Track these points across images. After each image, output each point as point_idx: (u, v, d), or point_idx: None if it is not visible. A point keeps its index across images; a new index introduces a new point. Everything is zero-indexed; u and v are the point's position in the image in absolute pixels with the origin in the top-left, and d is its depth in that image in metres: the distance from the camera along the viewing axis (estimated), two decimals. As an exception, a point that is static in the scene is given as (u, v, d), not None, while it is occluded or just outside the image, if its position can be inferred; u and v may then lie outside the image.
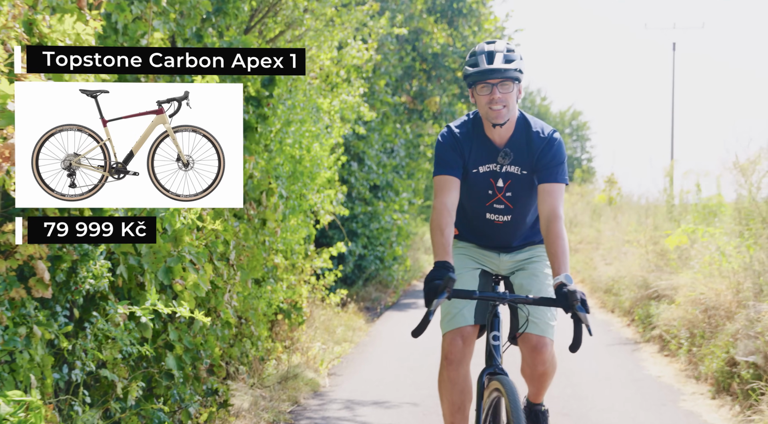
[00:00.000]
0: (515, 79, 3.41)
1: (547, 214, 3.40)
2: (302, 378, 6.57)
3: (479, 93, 3.44)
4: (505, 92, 3.41)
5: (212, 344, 4.78)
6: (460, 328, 3.56)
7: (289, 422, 5.52)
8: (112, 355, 4.05)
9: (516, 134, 3.54)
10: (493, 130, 3.52)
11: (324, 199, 8.60)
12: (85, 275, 3.78)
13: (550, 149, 3.50)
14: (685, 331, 6.97)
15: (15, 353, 3.44)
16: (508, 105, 3.43)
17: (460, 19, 15.35)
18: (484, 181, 3.59)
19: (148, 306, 3.88)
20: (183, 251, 4.39)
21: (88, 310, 3.94)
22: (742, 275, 6.19)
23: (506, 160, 3.55)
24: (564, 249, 3.31)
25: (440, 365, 3.62)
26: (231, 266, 5.25)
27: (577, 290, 3.07)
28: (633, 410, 5.65)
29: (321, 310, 9.10)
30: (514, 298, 3.22)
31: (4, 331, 3.39)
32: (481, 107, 3.47)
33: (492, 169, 3.58)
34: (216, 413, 4.95)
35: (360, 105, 10.38)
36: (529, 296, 3.19)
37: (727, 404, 5.58)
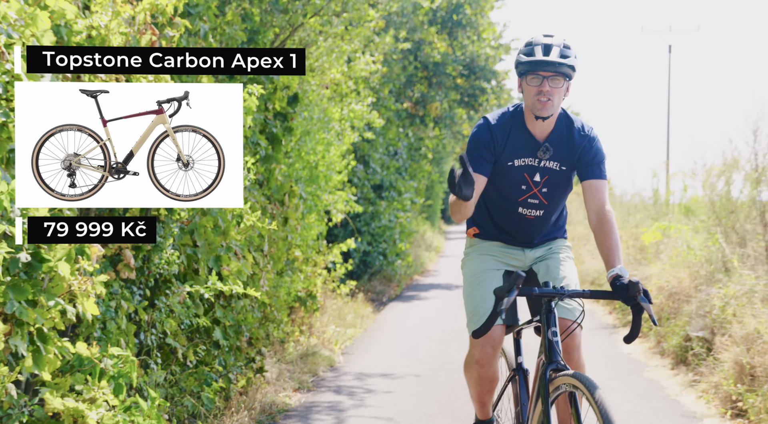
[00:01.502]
0: (566, 76, 3.41)
1: (597, 209, 3.41)
2: (319, 355, 7.58)
3: (529, 83, 3.43)
4: (554, 87, 3.40)
5: (251, 320, 5.79)
6: (490, 335, 3.56)
7: (311, 388, 6.53)
8: (173, 326, 5.06)
9: (557, 130, 3.54)
10: (535, 123, 3.52)
11: (337, 199, 9.59)
12: (158, 261, 4.78)
13: (592, 146, 3.52)
14: (654, 314, 7.97)
15: (107, 321, 4.44)
16: (554, 100, 3.43)
17: (460, 29, 16.35)
18: (518, 176, 3.57)
19: (210, 286, 4.86)
20: (230, 243, 5.40)
21: (159, 290, 4.95)
22: (699, 265, 7.19)
23: (546, 155, 3.54)
24: (617, 242, 3.32)
25: (468, 362, 3.66)
26: (265, 255, 6.25)
27: (638, 281, 3.03)
28: (603, 378, 6.65)
29: (332, 300, 10.10)
30: (572, 292, 3.15)
31: (102, 303, 4.39)
32: (528, 98, 3.45)
33: (528, 164, 3.56)
34: (252, 378, 5.95)
35: (368, 113, 11.37)
36: (586, 291, 3.15)
37: (682, 373, 6.58)
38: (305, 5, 7.26)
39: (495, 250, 3.74)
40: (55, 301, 3.46)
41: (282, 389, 6.30)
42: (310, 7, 7.55)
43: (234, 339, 5.58)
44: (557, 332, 3.17)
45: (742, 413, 5.20)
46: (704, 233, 8.19)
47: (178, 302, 5.06)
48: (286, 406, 5.88)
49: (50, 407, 3.57)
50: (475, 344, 3.57)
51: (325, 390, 6.47)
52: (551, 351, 3.15)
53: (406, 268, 15.79)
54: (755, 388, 5.12)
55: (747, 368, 5.24)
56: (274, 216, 7.38)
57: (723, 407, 5.39)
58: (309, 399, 6.16)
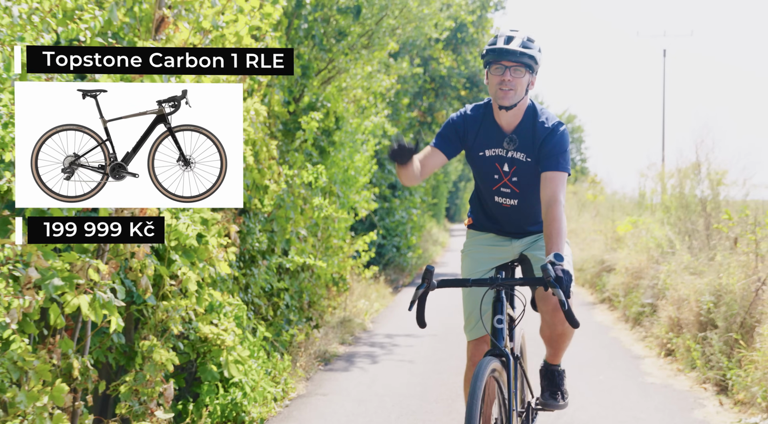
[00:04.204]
0: (528, 67, 3.47)
1: (547, 199, 3.44)
2: (353, 322, 9.52)
3: (492, 73, 3.51)
4: (516, 77, 3.47)
5: (310, 288, 7.73)
6: (484, 336, 3.72)
7: (351, 343, 8.47)
8: (257, 290, 7.00)
9: (524, 122, 3.59)
10: (501, 114, 3.59)
11: (362, 198, 11.54)
12: (251, 241, 6.72)
13: (553, 138, 3.53)
14: (622, 291, 9.92)
15: (225, 281, 6.38)
16: (516, 90, 3.48)
17: (463, 46, 18.32)
18: (491, 165, 3.66)
19: (289, 259, 6.81)
20: (298, 229, 7.35)
21: (252, 262, 6.89)
22: (653, 249, 9.14)
23: (511, 146, 3.60)
24: (558, 231, 3.34)
25: (467, 367, 3.80)
26: (319, 239, 8.21)
27: (557, 268, 3.08)
28: (580, 338, 8.58)
29: (357, 282, 12.05)
30: (504, 282, 3.26)
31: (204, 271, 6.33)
32: (492, 87, 3.54)
33: (498, 154, 3.63)
34: (310, 332, 7.90)
35: (384, 124, 13.31)
36: (518, 279, 3.29)
37: (636, 331, 8.54)
38: (343, 44, 9.20)
39: (485, 244, 3.88)
40: (204, 264, 5.39)
41: (330, 343, 8.25)
42: (345, 43, 9.49)
43: (297, 302, 7.53)
44: (503, 320, 3.30)
45: (671, 352, 7.15)
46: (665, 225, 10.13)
47: (262, 271, 7.02)
48: (335, 353, 7.82)
49: (202, 333, 5.49)
50: (471, 344, 3.79)
51: (362, 344, 8.42)
52: (495, 337, 3.28)
53: (416, 259, 17.74)
54: (680, 335, 7.06)
55: (676, 320, 7.19)
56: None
57: (659, 350, 7.34)
58: (350, 350, 8.11)
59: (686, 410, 5.52)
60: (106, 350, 4.66)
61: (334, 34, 8.89)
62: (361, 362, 7.40)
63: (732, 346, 6.01)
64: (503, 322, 3.30)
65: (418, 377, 6.68)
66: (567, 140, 3.57)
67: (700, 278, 7.09)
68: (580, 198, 24.77)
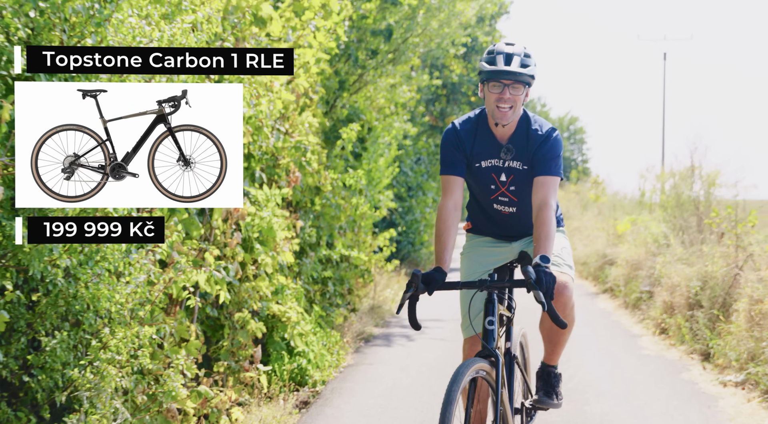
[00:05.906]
0: (526, 84, 3.51)
1: (538, 203, 3.48)
2: (382, 309, 10.64)
3: (490, 90, 3.52)
4: (515, 94, 3.50)
5: (349, 276, 8.86)
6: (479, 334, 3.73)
7: (384, 326, 9.59)
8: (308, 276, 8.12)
9: (518, 131, 3.62)
10: (495, 126, 3.62)
11: (386, 197, 12.65)
12: (303, 235, 7.83)
13: (545, 144, 3.57)
14: (623, 281, 11.05)
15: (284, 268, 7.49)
16: (515, 106, 3.53)
17: (474, 54, 19.43)
18: (487, 176, 3.70)
19: (337, 251, 7.93)
20: (341, 224, 8.46)
21: (303, 253, 8.01)
22: (651, 243, 10.26)
23: (508, 156, 3.63)
24: (547, 234, 3.37)
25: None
26: (355, 234, 9.35)
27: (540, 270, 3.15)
28: (585, 323, 9.71)
29: (380, 275, 13.17)
30: (492, 284, 3.32)
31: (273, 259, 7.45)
32: (489, 104, 3.55)
33: (494, 165, 3.67)
34: (348, 316, 9.02)
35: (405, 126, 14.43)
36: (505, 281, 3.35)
37: (635, 315, 9.66)
38: (374, 61, 10.33)
39: (484, 246, 3.97)
40: (272, 253, 6.50)
41: (366, 325, 9.38)
42: (375, 61, 10.62)
43: (339, 288, 8.64)
44: (494, 321, 3.34)
45: (664, 331, 8.28)
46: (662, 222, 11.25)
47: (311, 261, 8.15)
48: (372, 333, 8.95)
49: (271, 310, 6.60)
50: (467, 342, 3.89)
51: (394, 326, 9.55)
52: (486, 339, 3.32)
53: (429, 255, 18.86)
54: (673, 316, 8.18)
55: (669, 304, 8.32)
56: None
57: (654, 329, 8.47)
58: (385, 331, 9.24)
59: (675, 374, 6.65)
60: (197, 323, 5.79)
61: (368, 52, 10.03)
62: (397, 340, 8.52)
63: (714, 321, 7.13)
64: (494, 323, 3.35)
65: (450, 351, 7.80)
66: (560, 146, 3.63)
67: (689, 267, 8.21)
68: (582, 198, 25.90)
